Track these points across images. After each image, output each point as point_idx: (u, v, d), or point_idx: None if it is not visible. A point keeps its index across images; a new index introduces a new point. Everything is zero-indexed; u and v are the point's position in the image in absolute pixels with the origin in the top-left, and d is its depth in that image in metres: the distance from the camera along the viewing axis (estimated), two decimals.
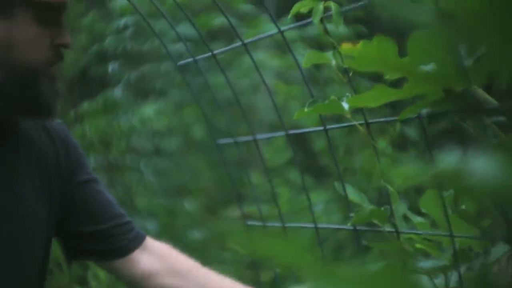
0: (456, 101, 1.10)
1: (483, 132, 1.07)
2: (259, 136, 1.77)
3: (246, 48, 1.67)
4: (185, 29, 3.24)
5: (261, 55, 3.89)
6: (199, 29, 1.99)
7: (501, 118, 1.11)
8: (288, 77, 4.13)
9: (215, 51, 1.80)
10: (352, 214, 1.33)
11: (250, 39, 1.74)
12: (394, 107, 1.31)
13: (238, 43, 1.68)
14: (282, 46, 4.14)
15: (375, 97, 1.09)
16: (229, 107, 4.36)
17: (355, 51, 1.04)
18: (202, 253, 4.24)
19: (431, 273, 1.25)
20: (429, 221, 1.41)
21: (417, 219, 1.38)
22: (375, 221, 1.29)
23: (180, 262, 1.55)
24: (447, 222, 1.17)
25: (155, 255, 1.53)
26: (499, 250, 1.33)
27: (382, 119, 1.29)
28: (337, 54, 1.27)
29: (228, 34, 4.38)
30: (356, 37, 3.50)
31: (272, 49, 4.28)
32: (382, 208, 1.28)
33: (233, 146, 1.88)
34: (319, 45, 4.02)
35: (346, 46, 1.03)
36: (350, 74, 1.26)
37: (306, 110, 1.24)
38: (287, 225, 1.67)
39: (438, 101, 1.12)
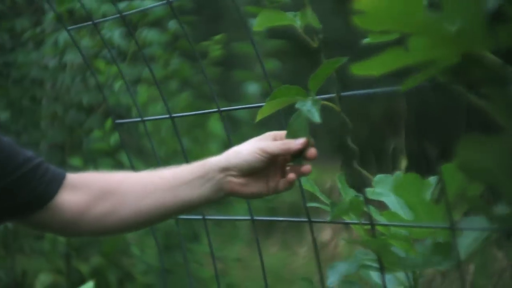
0: (473, 68, 0.92)
1: (507, 105, 0.90)
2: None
3: (96, 27, 1.69)
4: None
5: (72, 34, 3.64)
6: None
7: None
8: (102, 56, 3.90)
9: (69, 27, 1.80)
10: (310, 204, 1.13)
11: (101, 19, 2.00)
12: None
13: (89, 22, 1.70)
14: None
15: (387, 62, 0.88)
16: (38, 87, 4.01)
17: (374, 5, 0.82)
18: (16, 242, 3.88)
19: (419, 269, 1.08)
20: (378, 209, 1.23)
21: (370, 208, 1.19)
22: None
23: (107, 181, 1.31)
24: (448, 212, 0.98)
25: (79, 188, 1.29)
26: (469, 240, 1.17)
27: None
28: (304, 13, 1.04)
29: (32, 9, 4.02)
30: None
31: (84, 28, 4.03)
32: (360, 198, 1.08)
33: None
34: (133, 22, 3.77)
35: None
36: (320, 36, 1.04)
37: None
38: None
39: (451, 68, 0.94)
